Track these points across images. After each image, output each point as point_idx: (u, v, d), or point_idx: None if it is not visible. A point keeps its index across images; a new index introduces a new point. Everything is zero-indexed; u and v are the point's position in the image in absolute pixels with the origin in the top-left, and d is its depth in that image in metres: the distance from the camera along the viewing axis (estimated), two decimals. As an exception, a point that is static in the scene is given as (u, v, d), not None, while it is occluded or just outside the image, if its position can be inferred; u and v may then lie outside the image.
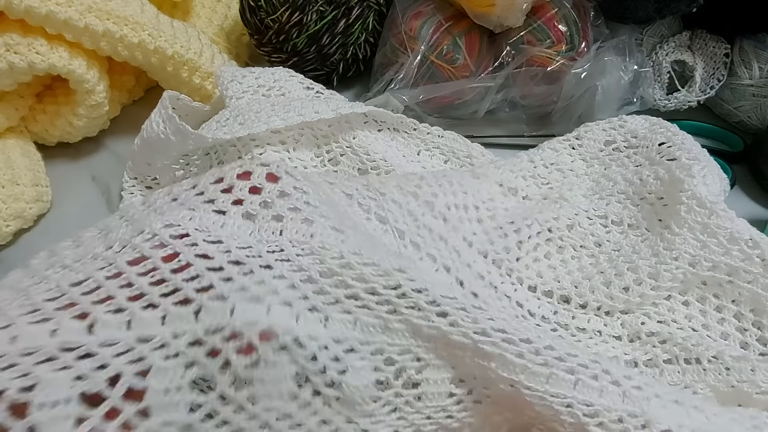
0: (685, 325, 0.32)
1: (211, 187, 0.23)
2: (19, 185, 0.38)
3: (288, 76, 0.41)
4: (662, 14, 0.44)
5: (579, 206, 0.37)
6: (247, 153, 0.36)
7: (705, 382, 0.29)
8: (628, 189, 0.37)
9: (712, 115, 0.50)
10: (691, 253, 0.32)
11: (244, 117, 0.35)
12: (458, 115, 0.46)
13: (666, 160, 0.37)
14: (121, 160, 0.43)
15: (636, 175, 0.38)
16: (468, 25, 0.43)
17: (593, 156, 0.40)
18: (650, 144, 0.38)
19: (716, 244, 0.32)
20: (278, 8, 0.44)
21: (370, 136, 0.40)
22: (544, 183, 0.39)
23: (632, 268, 0.33)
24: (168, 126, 0.36)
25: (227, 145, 0.38)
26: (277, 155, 0.37)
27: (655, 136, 0.38)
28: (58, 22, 0.37)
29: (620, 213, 0.37)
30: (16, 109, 0.41)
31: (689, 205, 0.33)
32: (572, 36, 0.44)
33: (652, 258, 0.33)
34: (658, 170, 0.37)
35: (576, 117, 0.45)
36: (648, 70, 0.45)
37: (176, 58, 0.41)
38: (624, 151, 0.39)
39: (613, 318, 0.32)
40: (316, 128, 0.39)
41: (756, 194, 0.44)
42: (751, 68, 0.45)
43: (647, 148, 0.38)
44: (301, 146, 0.38)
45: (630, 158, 0.39)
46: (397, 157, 0.40)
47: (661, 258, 0.32)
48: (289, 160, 0.37)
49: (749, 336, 0.32)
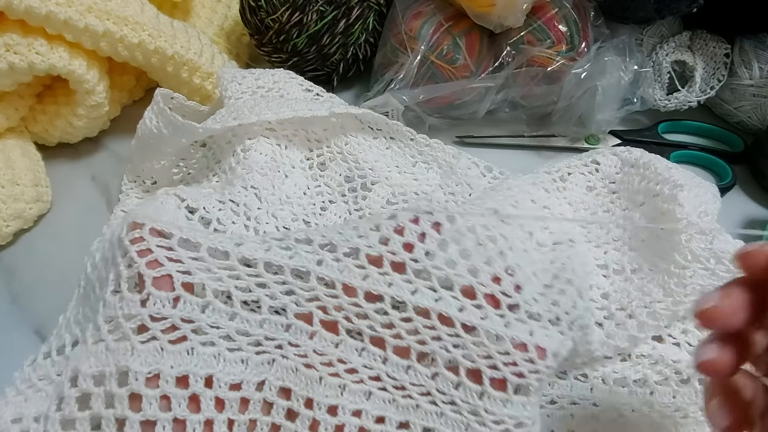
0: (680, 349, 0.32)
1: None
2: (19, 185, 0.38)
3: (288, 77, 0.41)
4: (662, 14, 0.44)
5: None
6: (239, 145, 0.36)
7: (697, 404, 0.29)
8: (624, 235, 0.36)
9: (712, 115, 0.50)
10: (701, 284, 0.31)
11: (238, 113, 0.35)
12: (458, 115, 0.46)
13: (651, 197, 0.35)
14: (121, 160, 0.43)
15: (626, 220, 0.37)
16: (468, 25, 0.43)
17: (579, 200, 0.38)
18: (628, 187, 0.37)
19: (723, 270, 0.31)
20: (278, 8, 0.44)
21: (363, 143, 0.40)
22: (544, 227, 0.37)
23: (650, 314, 0.31)
24: (160, 120, 0.36)
25: (222, 142, 0.38)
26: (269, 146, 0.36)
27: (630, 178, 0.37)
28: (58, 23, 0.37)
29: (620, 260, 0.35)
30: (17, 110, 0.41)
31: (689, 235, 0.32)
32: (572, 36, 0.44)
33: (667, 299, 0.31)
34: (646, 210, 0.35)
35: (576, 117, 0.45)
36: (648, 70, 0.45)
37: (176, 58, 0.41)
38: (607, 196, 0.38)
39: None
40: (311, 131, 0.39)
41: (756, 194, 0.44)
42: (751, 68, 0.45)
43: (627, 191, 0.37)
44: (293, 146, 0.38)
45: (614, 203, 0.38)
46: (388, 168, 0.40)
47: (676, 298, 0.31)
48: (280, 156, 0.37)
49: None
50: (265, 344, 0.24)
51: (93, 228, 0.37)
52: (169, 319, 0.22)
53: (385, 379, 0.24)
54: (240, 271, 0.24)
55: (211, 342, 0.23)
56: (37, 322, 0.34)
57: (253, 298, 0.24)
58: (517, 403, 0.23)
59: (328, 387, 0.24)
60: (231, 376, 0.23)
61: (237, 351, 0.23)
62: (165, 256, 0.23)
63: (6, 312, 0.35)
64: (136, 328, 0.22)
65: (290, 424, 0.23)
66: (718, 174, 0.46)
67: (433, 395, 0.24)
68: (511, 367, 0.23)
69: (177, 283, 0.23)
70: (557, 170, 0.39)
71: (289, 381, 0.23)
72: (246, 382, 0.23)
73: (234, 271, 0.24)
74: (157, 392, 0.22)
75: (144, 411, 0.21)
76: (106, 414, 0.21)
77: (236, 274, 0.24)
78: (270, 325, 0.24)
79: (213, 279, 0.23)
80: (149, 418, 0.21)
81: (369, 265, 0.24)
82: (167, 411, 0.22)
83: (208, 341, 0.23)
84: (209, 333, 0.23)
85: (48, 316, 0.34)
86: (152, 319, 0.22)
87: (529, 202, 0.36)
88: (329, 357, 0.24)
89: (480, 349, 0.24)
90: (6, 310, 0.35)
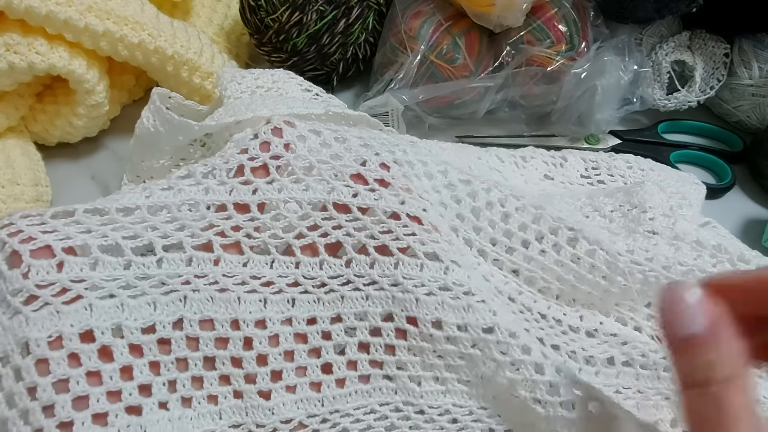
0: (641, 334, 0.32)
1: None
2: (19, 185, 0.38)
3: (287, 77, 0.41)
4: (662, 14, 0.44)
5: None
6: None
7: (657, 389, 0.29)
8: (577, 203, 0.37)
9: (712, 115, 0.50)
10: (665, 255, 0.31)
11: (235, 110, 0.35)
12: (458, 115, 0.46)
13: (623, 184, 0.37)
14: (120, 160, 0.43)
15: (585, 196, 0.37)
16: (468, 24, 0.43)
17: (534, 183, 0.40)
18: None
19: (688, 248, 0.31)
20: (278, 8, 0.44)
21: None
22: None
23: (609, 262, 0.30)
24: (157, 118, 0.36)
25: (221, 141, 0.38)
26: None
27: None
28: (58, 22, 0.37)
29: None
30: (16, 109, 0.41)
31: (653, 213, 0.33)
32: (572, 36, 0.44)
33: (627, 255, 0.30)
34: (608, 191, 0.37)
35: (576, 117, 0.45)
36: (648, 70, 0.45)
37: (176, 57, 0.41)
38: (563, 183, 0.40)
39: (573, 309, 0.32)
40: None
41: (756, 194, 0.44)
42: (750, 68, 0.45)
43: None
44: None
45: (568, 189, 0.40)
46: None
47: (636, 256, 0.30)
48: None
49: None
50: (171, 283, 0.23)
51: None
52: (58, 284, 0.22)
53: (303, 281, 0.25)
54: (123, 222, 0.24)
55: (110, 294, 0.23)
56: (37, 321, 0.34)
57: (144, 242, 0.24)
58: (433, 267, 0.25)
59: (249, 303, 0.24)
60: (140, 321, 0.23)
61: (141, 296, 0.23)
62: (38, 230, 0.22)
63: (6, 311, 0.35)
64: (24, 300, 0.21)
65: (223, 351, 0.23)
66: (717, 174, 0.46)
67: (353, 281, 0.25)
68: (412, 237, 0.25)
69: (57, 249, 0.22)
70: (521, 152, 0.41)
71: (207, 311, 0.23)
72: (159, 323, 0.23)
73: (117, 223, 0.24)
74: (63, 352, 0.21)
75: (53, 372, 0.21)
76: (17, 388, 0.21)
77: (120, 225, 0.23)
78: (169, 263, 0.24)
79: (96, 236, 0.23)
80: (60, 377, 0.21)
81: (255, 178, 0.25)
82: (78, 367, 0.21)
83: (106, 294, 0.22)
84: (106, 287, 0.22)
85: (48, 316, 0.34)
86: (39, 287, 0.21)
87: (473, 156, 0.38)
88: (241, 277, 0.24)
89: (379, 226, 0.25)
90: (6, 310, 0.35)
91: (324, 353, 0.25)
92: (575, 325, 0.31)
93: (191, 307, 0.23)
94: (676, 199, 0.37)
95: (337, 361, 0.25)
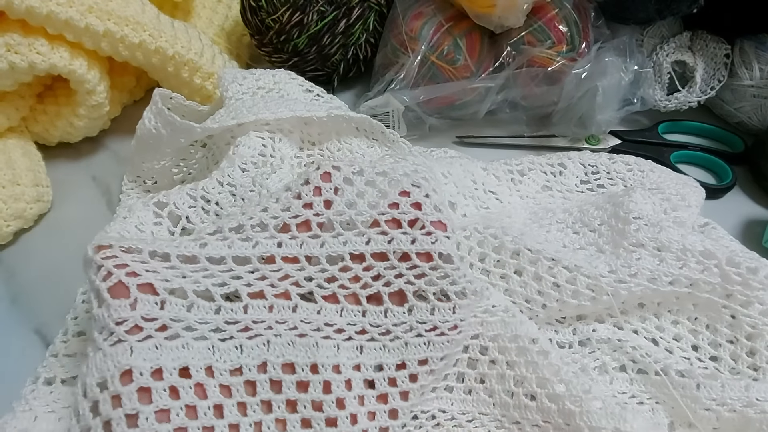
0: (638, 336, 0.32)
1: None
2: (20, 185, 0.38)
3: (288, 78, 0.41)
4: (663, 15, 0.44)
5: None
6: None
7: (650, 393, 0.30)
8: (568, 219, 0.37)
9: (713, 116, 0.50)
10: (649, 269, 0.31)
11: (237, 112, 0.35)
12: (459, 116, 0.46)
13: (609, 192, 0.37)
14: (121, 160, 0.43)
15: (577, 209, 0.37)
16: (469, 25, 0.43)
17: (530, 196, 0.40)
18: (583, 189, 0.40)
19: (673, 258, 0.32)
20: (279, 8, 0.44)
21: (357, 151, 0.39)
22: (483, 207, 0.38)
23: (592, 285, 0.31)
24: (158, 120, 0.36)
25: (222, 143, 0.38)
26: (259, 140, 0.36)
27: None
28: (59, 23, 0.37)
29: (562, 239, 0.36)
30: (17, 109, 0.41)
31: (638, 224, 0.33)
32: (573, 36, 0.44)
33: (610, 275, 0.31)
34: (599, 203, 0.37)
35: (576, 118, 0.45)
36: (648, 71, 0.45)
37: (177, 58, 0.41)
38: (563, 197, 0.40)
39: (565, 326, 0.32)
40: (306, 132, 0.39)
41: (756, 194, 0.44)
42: (751, 69, 0.45)
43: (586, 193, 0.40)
44: (286, 140, 0.38)
45: (566, 198, 0.40)
46: None
47: (619, 275, 0.31)
48: (271, 148, 0.37)
49: (702, 353, 0.32)
50: (255, 328, 0.25)
51: (93, 228, 0.36)
52: (160, 320, 0.23)
53: (370, 329, 0.26)
54: (212, 270, 0.25)
55: (203, 336, 0.24)
56: (37, 321, 0.34)
57: (231, 289, 0.25)
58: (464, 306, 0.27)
59: (325, 348, 0.25)
60: (228, 363, 0.24)
61: (229, 340, 0.24)
62: (143, 267, 0.24)
63: (6, 312, 0.35)
64: (128, 330, 0.22)
65: (304, 395, 0.24)
66: (718, 174, 0.46)
67: (415, 327, 0.26)
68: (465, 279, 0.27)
69: (159, 288, 0.24)
70: (518, 164, 0.41)
71: (289, 355, 0.25)
72: (245, 366, 0.24)
73: (207, 271, 0.25)
74: (164, 383, 0.22)
75: (155, 402, 0.22)
76: (115, 414, 0.21)
77: (210, 273, 0.25)
78: (253, 309, 0.25)
79: (190, 282, 0.24)
80: (162, 407, 0.22)
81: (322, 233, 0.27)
82: (177, 399, 0.22)
83: (200, 336, 0.24)
84: (199, 329, 0.24)
85: (48, 316, 0.34)
86: (145, 320, 0.23)
87: (468, 180, 0.39)
88: (316, 324, 0.26)
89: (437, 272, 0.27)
90: (6, 310, 0.35)
91: (390, 400, 0.26)
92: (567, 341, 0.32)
93: (274, 351, 0.25)
94: (675, 200, 0.37)
95: (402, 408, 0.26)
